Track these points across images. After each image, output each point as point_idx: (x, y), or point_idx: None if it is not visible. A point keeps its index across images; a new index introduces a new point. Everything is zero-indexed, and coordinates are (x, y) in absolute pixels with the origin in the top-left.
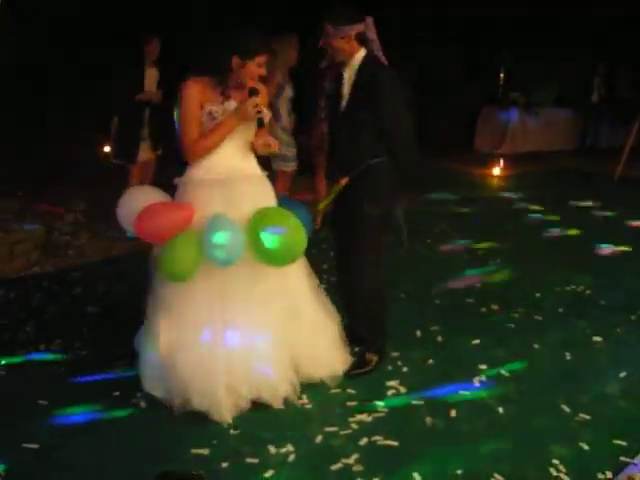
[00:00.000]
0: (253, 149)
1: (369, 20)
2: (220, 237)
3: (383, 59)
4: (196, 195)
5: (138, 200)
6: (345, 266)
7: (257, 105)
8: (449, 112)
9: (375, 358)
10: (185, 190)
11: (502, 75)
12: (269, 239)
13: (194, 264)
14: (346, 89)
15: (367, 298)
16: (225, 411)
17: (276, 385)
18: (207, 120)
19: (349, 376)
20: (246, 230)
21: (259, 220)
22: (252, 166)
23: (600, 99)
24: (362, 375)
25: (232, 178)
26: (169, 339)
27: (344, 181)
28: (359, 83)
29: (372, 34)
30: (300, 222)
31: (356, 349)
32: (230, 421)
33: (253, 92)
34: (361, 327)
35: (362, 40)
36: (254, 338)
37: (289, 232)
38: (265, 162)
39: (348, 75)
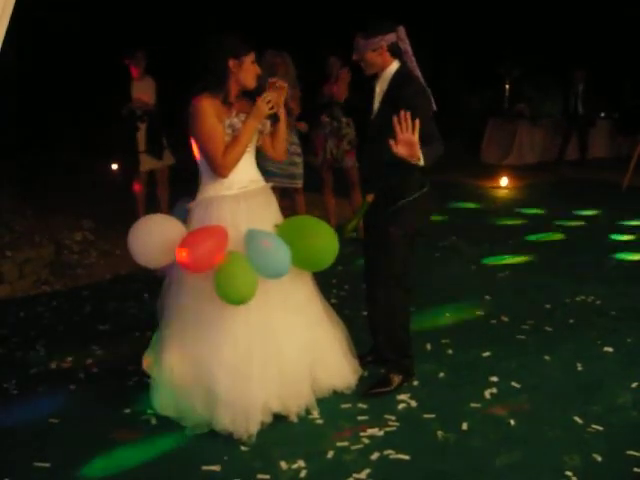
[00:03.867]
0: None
1: (401, 29)
2: (279, 253)
3: (417, 71)
4: (223, 212)
5: (154, 236)
6: (371, 285)
7: (270, 101)
8: (456, 124)
9: (398, 379)
10: (210, 207)
11: (508, 86)
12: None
13: (255, 284)
14: (377, 104)
15: (393, 317)
16: (253, 428)
17: (302, 397)
18: (230, 133)
19: (370, 395)
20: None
21: (294, 227)
22: (260, 177)
23: (585, 109)
24: (383, 394)
25: (252, 190)
26: (196, 356)
27: (370, 198)
28: (388, 97)
29: (405, 45)
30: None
31: (382, 370)
32: (254, 438)
33: (261, 89)
34: (387, 347)
35: (395, 52)
36: (287, 351)
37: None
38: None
39: (379, 89)
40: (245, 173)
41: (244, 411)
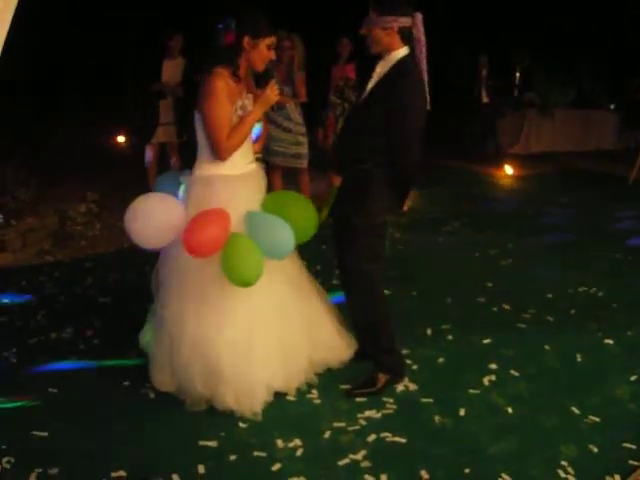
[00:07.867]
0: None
1: (418, 16)
2: (285, 234)
3: (424, 63)
4: (225, 192)
5: (155, 216)
6: (342, 282)
7: (275, 88)
8: (463, 111)
9: (384, 378)
10: (209, 186)
11: (518, 75)
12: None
13: (262, 265)
14: (370, 85)
15: (362, 311)
16: (257, 407)
17: (303, 373)
18: (240, 114)
19: (352, 395)
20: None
21: (274, 201)
22: (253, 158)
23: (491, 98)
24: (364, 395)
25: (249, 172)
26: (198, 336)
27: (337, 182)
28: (382, 85)
29: (419, 33)
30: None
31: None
32: (259, 416)
33: (269, 75)
34: (363, 341)
35: (407, 37)
36: (289, 327)
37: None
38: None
39: (379, 71)
40: (245, 155)
41: (248, 390)
